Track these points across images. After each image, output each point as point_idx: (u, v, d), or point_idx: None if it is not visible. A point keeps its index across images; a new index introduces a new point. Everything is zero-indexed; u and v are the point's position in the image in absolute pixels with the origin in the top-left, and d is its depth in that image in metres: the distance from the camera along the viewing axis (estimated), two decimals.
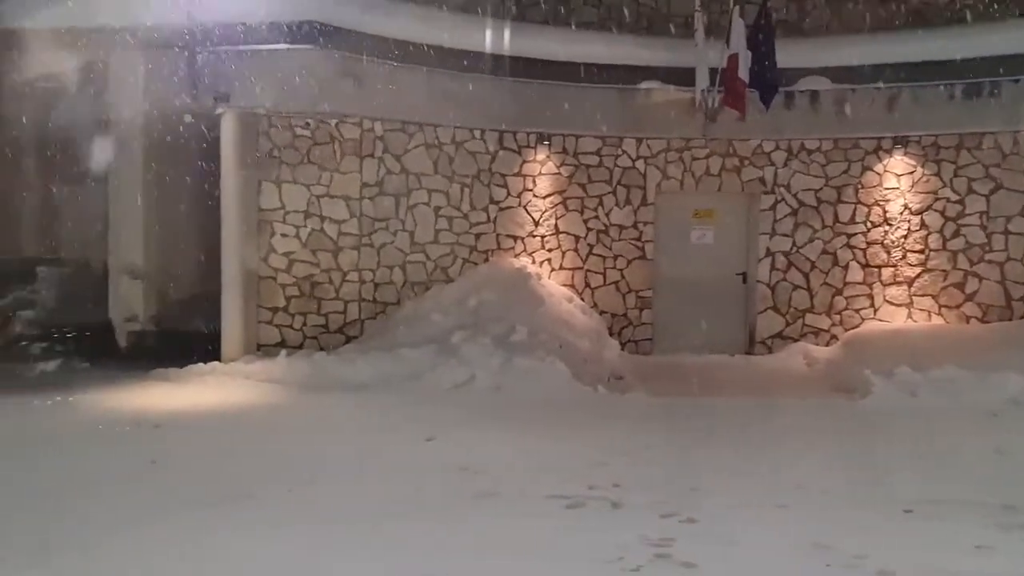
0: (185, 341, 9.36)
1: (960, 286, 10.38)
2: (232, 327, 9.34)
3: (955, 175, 10.32)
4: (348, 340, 9.70)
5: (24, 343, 9.31)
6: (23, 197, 9.83)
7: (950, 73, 9.88)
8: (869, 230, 10.57)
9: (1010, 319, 10.14)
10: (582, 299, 10.57)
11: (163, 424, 6.78)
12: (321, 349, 9.37)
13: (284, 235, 9.74)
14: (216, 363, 8.99)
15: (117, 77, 9.40)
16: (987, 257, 10.29)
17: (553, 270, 10.69)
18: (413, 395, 7.83)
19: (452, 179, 10.29)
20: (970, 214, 10.31)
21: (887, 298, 10.54)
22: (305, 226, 9.77)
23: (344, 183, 9.84)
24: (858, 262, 10.60)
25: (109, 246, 9.80)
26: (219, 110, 9.27)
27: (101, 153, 9.49)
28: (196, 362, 8.88)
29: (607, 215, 10.76)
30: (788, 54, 9.88)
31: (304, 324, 9.80)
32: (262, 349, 9.55)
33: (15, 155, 9.81)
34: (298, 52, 9.11)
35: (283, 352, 9.10)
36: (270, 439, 6.42)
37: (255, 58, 9.13)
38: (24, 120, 9.59)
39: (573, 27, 10.80)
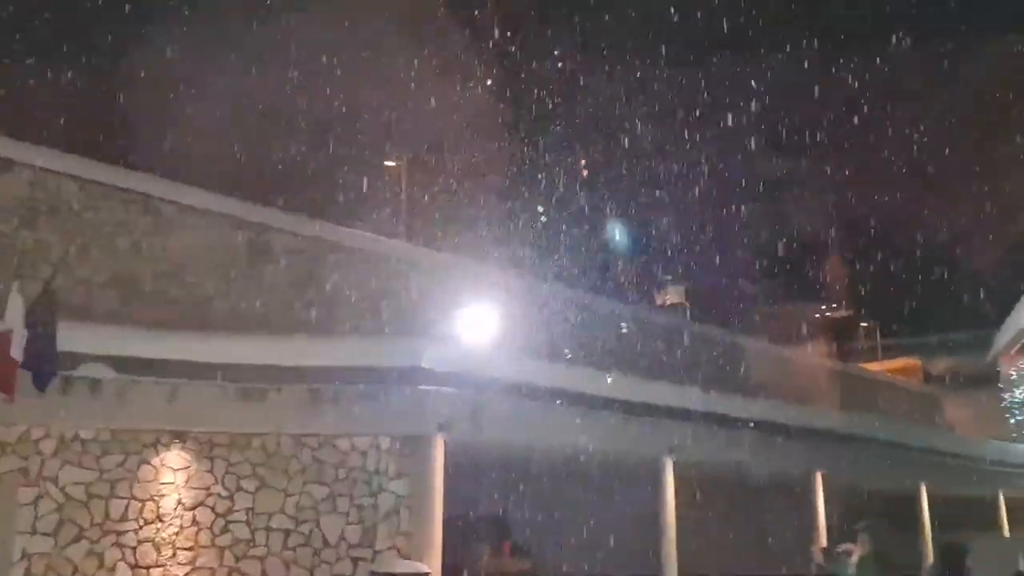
0: None
1: None
2: None
3: (227, 472, 10.75)
4: None
5: None
6: None
7: (226, 375, 10.61)
8: (141, 527, 10.12)
9: None
10: None
11: None
12: None
13: None
14: None
15: None
16: (251, 552, 10.68)
17: None
18: None
19: None
20: (238, 510, 10.74)
21: None
22: None
23: None
24: (127, 562, 9.95)
25: None
26: None
27: None
28: None
29: None
30: (71, 338, 9.46)
31: None
32: None
33: None
34: None
35: None
36: None
37: None
38: None
39: None
